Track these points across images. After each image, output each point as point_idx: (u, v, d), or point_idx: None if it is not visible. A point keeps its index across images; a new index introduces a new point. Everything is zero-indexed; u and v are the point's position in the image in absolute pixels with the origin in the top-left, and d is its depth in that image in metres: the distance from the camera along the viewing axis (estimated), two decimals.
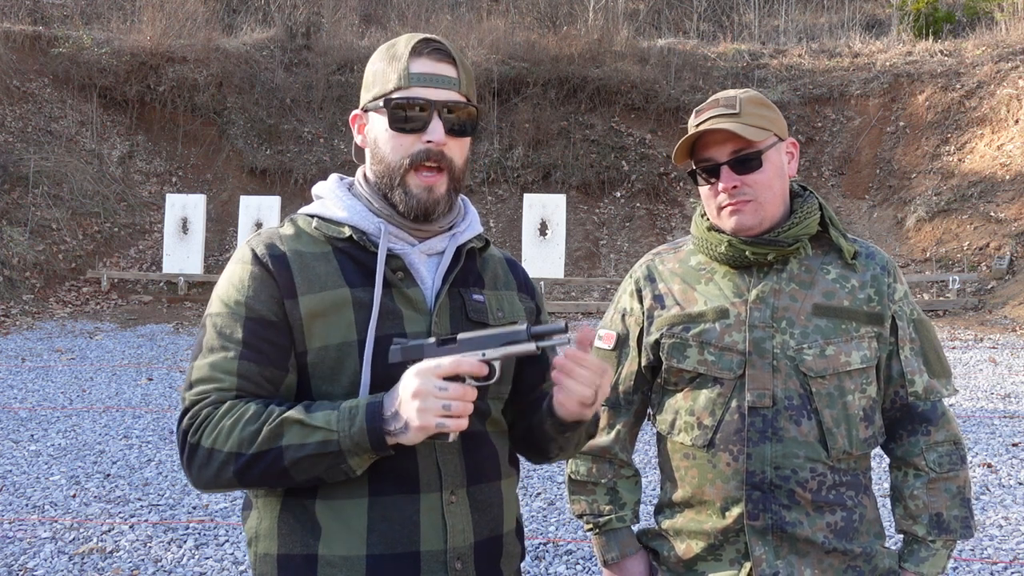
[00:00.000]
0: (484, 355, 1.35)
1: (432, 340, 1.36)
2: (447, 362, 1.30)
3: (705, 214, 1.83)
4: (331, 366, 1.39)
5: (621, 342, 1.86)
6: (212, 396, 1.36)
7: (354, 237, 1.45)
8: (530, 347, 1.36)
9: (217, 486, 1.37)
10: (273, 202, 14.25)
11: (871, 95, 17.19)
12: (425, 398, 1.28)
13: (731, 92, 1.75)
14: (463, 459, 1.44)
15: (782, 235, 1.73)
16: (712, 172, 1.73)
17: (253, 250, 1.44)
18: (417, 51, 1.45)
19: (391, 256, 1.45)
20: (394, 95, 1.43)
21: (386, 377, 1.37)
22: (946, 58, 17.44)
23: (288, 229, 1.49)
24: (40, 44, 16.66)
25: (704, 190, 1.77)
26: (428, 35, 1.48)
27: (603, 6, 19.34)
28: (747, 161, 1.70)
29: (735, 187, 1.70)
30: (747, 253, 1.73)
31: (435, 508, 1.41)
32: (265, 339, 1.39)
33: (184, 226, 14.10)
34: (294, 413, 1.32)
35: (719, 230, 1.78)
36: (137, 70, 16.64)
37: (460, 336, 1.36)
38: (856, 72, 17.68)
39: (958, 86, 16.64)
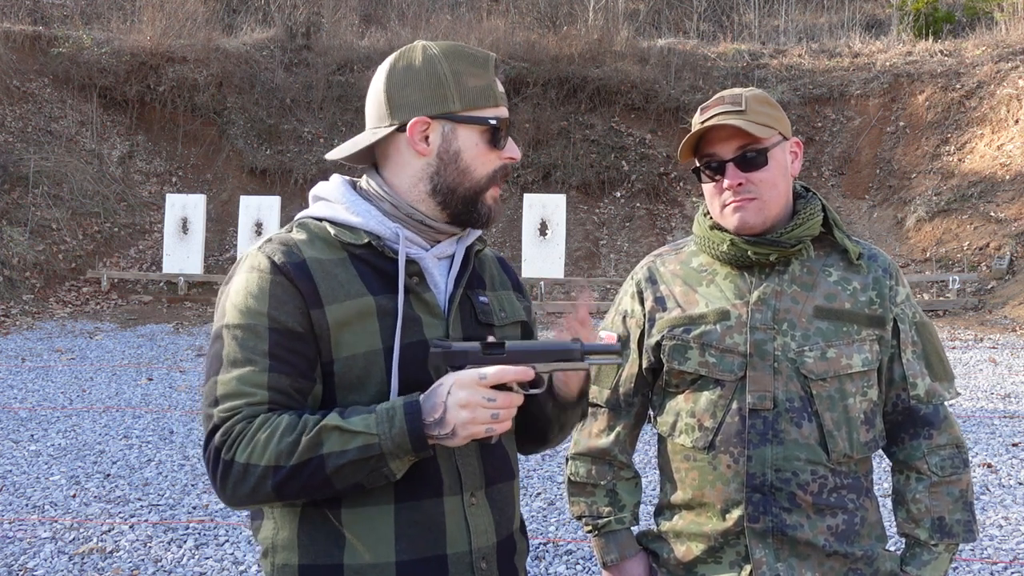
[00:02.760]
0: (534, 368, 1.34)
1: (477, 346, 1.34)
2: (491, 372, 1.30)
3: (708, 213, 1.81)
4: (358, 375, 1.38)
5: (622, 344, 1.84)
6: (244, 411, 1.33)
7: (372, 243, 1.44)
8: (582, 365, 1.34)
9: (253, 501, 1.34)
10: (273, 202, 14.24)
11: (871, 95, 17.18)
12: (474, 409, 1.28)
13: (736, 90, 1.74)
14: (481, 461, 1.45)
15: (784, 236, 1.72)
16: (717, 169, 1.72)
17: (271, 258, 1.39)
18: (496, 70, 1.49)
19: (408, 261, 1.45)
20: (491, 114, 1.46)
21: (414, 384, 1.37)
22: (946, 58, 17.43)
23: (301, 235, 1.44)
24: (40, 44, 16.65)
25: (708, 187, 1.76)
26: (489, 51, 1.51)
27: (603, 6, 19.33)
28: (753, 158, 1.69)
29: (740, 184, 1.69)
30: (749, 253, 1.72)
31: (458, 510, 1.42)
32: (292, 350, 1.36)
33: (184, 226, 14.10)
34: (331, 420, 1.30)
35: (722, 229, 1.77)
36: (137, 70, 16.63)
37: (509, 345, 1.35)
38: (856, 72, 17.67)
39: (958, 86, 16.63)
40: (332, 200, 1.49)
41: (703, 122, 1.71)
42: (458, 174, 1.45)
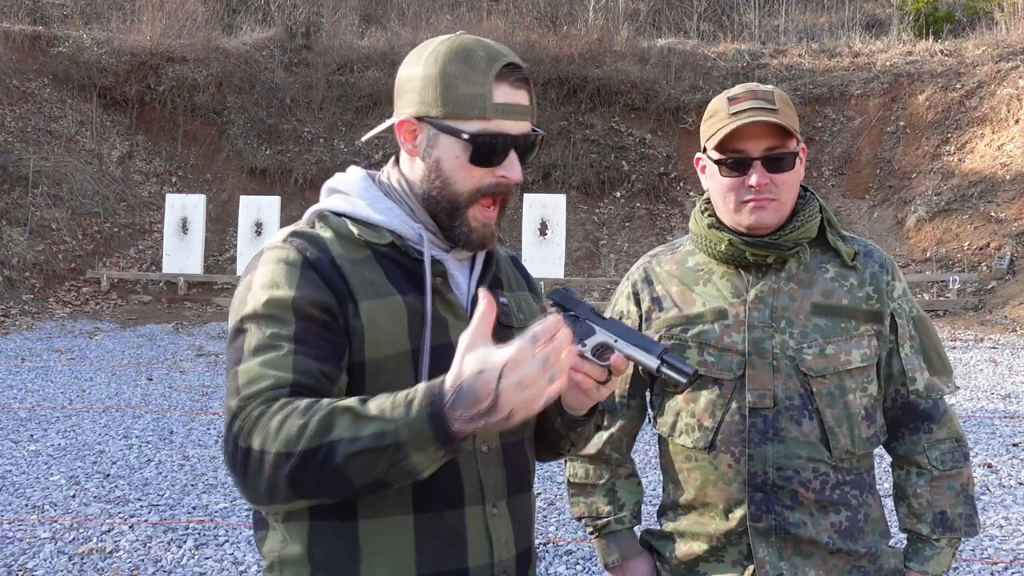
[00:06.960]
0: (616, 341, 1.31)
1: (589, 305, 1.34)
2: (540, 328, 1.12)
3: (706, 210, 1.79)
4: (389, 378, 1.31)
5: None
6: (265, 395, 1.21)
7: (395, 243, 1.39)
8: (653, 363, 1.31)
9: (274, 498, 1.18)
10: (273, 202, 14.23)
11: (871, 95, 17.17)
12: (534, 384, 1.10)
13: (765, 87, 1.71)
14: (504, 470, 1.40)
15: (783, 238, 1.71)
16: (741, 165, 1.69)
17: (302, 253, 1.32)
18: (502, 77, 1.34)
19: (433, 262, 1.39)
20: (476, 127, 1.33)
21: None
22: (946, 58, 17.42)
23: (326, 232, 1.38)
24: (40, 44, 16.64)
25: (724, 182, 1.71)
26: (511, 57, 1.36)
27: (603, 6, 19.31)
28: (781, 159, 1.68)
29: (764, 184, 1.67)
30: (747, 254, 1.71)
31: (479, 522, 1.36)
32: (320, 336, 1.28)
33: (184, 226, 14.09)
34: (345, 402, 1.17)
35: (720, 228, 1.75)
36: (137, 70, 16.62)
37: (605, 319, 1.35)
38: (856, 72, 17.66)
39: (958, 86, 16.62)
40: (351, 194, 1.43)
41: (733, 113, 1.67)
42: (440, 183, 1.37)
